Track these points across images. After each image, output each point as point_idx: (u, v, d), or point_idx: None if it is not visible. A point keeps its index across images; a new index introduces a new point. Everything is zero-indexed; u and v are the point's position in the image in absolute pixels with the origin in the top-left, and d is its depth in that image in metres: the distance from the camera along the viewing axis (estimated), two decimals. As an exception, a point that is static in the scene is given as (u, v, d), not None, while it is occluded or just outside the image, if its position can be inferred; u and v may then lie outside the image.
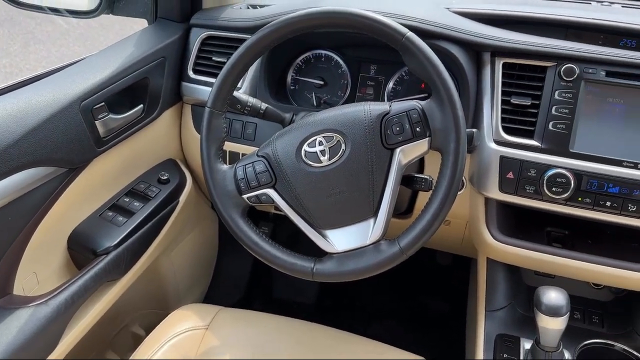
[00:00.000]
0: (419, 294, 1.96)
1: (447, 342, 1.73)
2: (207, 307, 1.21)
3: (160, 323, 1.17)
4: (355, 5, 0.94)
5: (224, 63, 0.98)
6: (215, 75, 1.00)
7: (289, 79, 1.34)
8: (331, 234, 0.95)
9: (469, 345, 1.27)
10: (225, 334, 1.14)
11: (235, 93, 1.03)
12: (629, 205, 1.01)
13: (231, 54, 0.98)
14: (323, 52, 1.31)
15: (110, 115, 1.15)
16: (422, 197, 1.22)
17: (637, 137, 1.01)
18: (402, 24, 0.92)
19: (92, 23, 4.39)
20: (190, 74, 1.32)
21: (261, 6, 1.37)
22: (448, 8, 1.18)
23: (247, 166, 0.97)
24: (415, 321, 1.89)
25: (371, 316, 1.91)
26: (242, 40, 0.98)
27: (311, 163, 0.93)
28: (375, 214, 0.92)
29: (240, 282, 1.88)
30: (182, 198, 1.36)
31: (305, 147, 0.94)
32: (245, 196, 0.97)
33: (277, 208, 0.98)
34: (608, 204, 1.02)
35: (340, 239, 0.94)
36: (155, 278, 1.48)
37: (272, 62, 1.25)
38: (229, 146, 1.27)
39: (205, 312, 1.19)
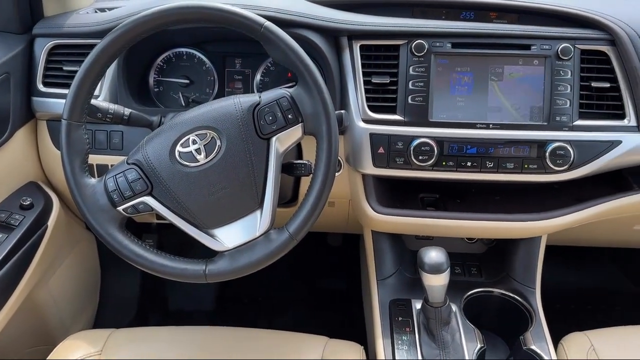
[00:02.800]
0: (316, 277, 2.01)
1: (349, 318, 1.80)
2: (97, 332, 1.14)
3: (47, 358, 1.07)
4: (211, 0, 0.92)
5: (76, 72, 0.92)
6: (68, 86, 0.93)
7: (151, 80, 1.29)
8: (219, 232, 0.93)
9: (367, 315, 1.33)
10: (121, 356, 1.08)
11: (94, 101, 0.97)
12: (487, 162, 1.12)
13: (83, 61, 0.92)
14: (184, 50, 1.28)
15: None
16: (305, 183, 1.24)
17: (485, 100, 1.12)
18: (259, 14, 0.93)
19: None
20: (40, 87, 1.22)
21: (110, 9, 1.30)
22: (302, -4, 1.21)
23: (117, 176, 0.92)
24: (317, 304, 1.94)
25: (274, 307, 1.92)
26: (93, 46, 0.92)
27: (187, 163, 0.91)
28: (260, 205, 0.93)
29: (131, 300, 1.79)
30: (51, 222, 1.26)
31: (178, 148, 0.91)
32: (120, 208, 0.92)
33: (158, 216, 0.94)
34: (469, 164, 1.12)
35: (229, 236, 0.93)
36: (34, 312, 1.36)
37: (130, 65, 1.19)
38: (95, 159, 1.20)
39: (96, 337, 1.11)
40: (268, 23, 0.91)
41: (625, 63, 1.11)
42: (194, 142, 0.91)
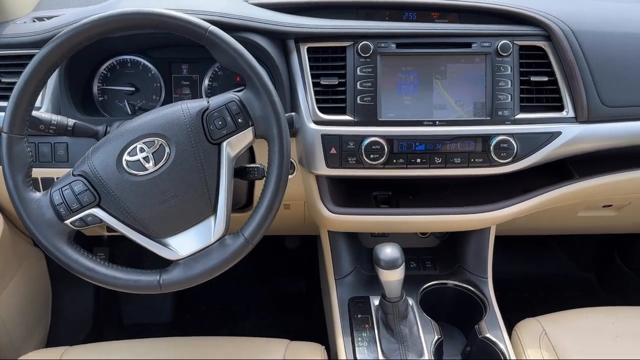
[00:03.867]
0: (276, 281, 2.01)
1: (310, 319, 1.80)
2: (51, 351, 1.10)
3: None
4: (153, 6, 0.91)
5: (15, 83, 0.89)
6: (6, 98, 0.90)
7: (95, 89, 1.25)
8: (173, 240, 0.92)
9: (327, 314, 1.34)
10: (77, 373, 1.05)
11: (35, 113, 0.94)
12: (435, 158, 1.15)
13: (22, 72, 0.89)
14: (128, 57, 1.25)
15: None
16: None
17: (431, 98, 1.15)
18: (203, 19, 0.92)
19: None
20: (-22, 100, 1.17)
21: (48, 18, 1.26)
22: (246, 1, 1.20)
23: (63, 189, 0.89)
24: (278, 307, 1.93)
25: (234, 314, 1.90)
26: (32, 56, 0.89)
27: (136, 172, 0.89)
28: (214, 211, 0.92)
29: (86, 316, 1.74)
30: (-5, 240, 1.21)
31: (126, 157, 0.89)
32: (67, 221, 0.89)
33: (109, 228, 0.92)
34: (418, 160, 1.15)
35: (183, 244, 0.92)
36: (-19, 335, 1.30)
37: (72, 74, 1.16)
38: (40, 172, 1.15)
39: (50, 356, 1.08)
40: (212, 27, 0.90)
41: (561, 57, 1.16)
42: (142, 150, 0.90)
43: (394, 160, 1.14)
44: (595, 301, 1.28)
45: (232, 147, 0.92)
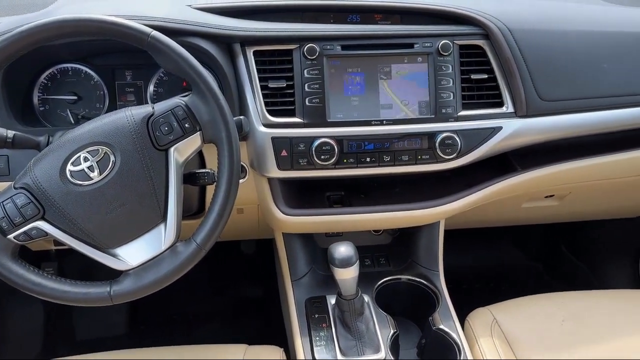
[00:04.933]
0: (233, 286, 1.99)
1: (269, 323, 1.80)
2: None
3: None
4: (93, 12, 0.89)
5: None
6: None
7: (35, 99, 1.21)
8: (122, 250, 0.90)
9: (285, 316, 1.34)
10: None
11: None
12: (384, 156, 1.17)
13: None
14: (69, 65, 1.22)
15: None
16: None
17: (377, 98, 1.17)
18: (145, 24, 0.91)
19: None
20: None
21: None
22: (190, 5, 1.19)
23: (5, 202, 0.86)
24: (236, 313, 1.92)
25: (192, 323, 1.88)
26: (-38, 69, 0.86)
27: (80, 182, 0.87)
28: (164, 218, 0.91)
29: (36, 333, 1.68)
30: None
31: (69, 167, 0.87)
32: (10, 236, 0.86)
33: (55, 241, 0.89)
34: (368, 159, 1.17)
35: (133, 254, 0.91)
36: None
37: (10, 84, 1.12)
38: (-21, 187, 1.11)
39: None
40: (155, 32, 0.89)
41: (499, 55, 1.20)
42: (86, 159, 0.88)
43: (345, 160, 1.16)
44: (543, 289, 1.33)
45: (180, 152, 0.91)
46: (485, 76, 1.21)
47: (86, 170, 0.87)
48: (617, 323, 1.20)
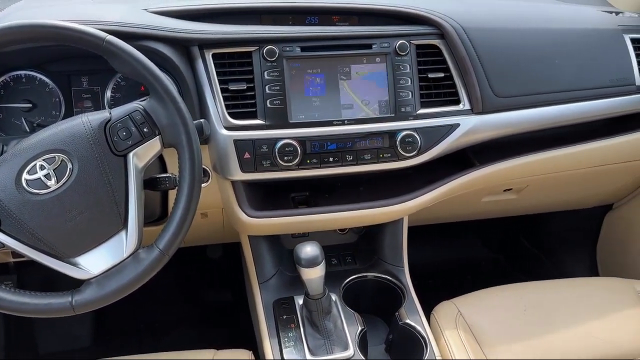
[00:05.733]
0: (201, 292, 1.98)
1: (238, 327, 1.79)
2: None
3: None
4: (46, 18, 0.87)
5: None
6: None
7: (-13, 108, 1.18)
8: (83, 259, 0.89)
9: (253, 320, 1.34)
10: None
11: None
12: (347, 156, 1.19)
13: None
14: (22, 72, 1.18)
15: None
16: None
17: (338, 98, 1.18)
18: (100, 29, 0.90)
19: None
20: None
21: None
22: (146, 9, 1.18)
23: None
24: (205, 319, 1.90)
25: (160, 331, 1.85)
26: None
27: (37, 191, 0.85)
28: (125, 225, 0.90)
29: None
30: None
31: (25, 176, 0.85)
32: (-35, 249, 0.84)
33: (14, 253, 0.87)
34: (331, 159, 1.18)
35: (94, 262, 0.89)
36: None
37: (-40, 94, 1.08)
38: None
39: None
40: (110, 36, 0.88)
41: (454, 54, 1.23)
42: (42, 167, 0.86)
43: (308, 161, 1.17)
44: (506, 280, 1.37)
45: (139, 157, 0.90)
46: (442, 75, 1.23)
47: (43, 178, 0.85)
48: (576, 310, 1.25)
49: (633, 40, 1.39)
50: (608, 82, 1.34)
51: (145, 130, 0.90)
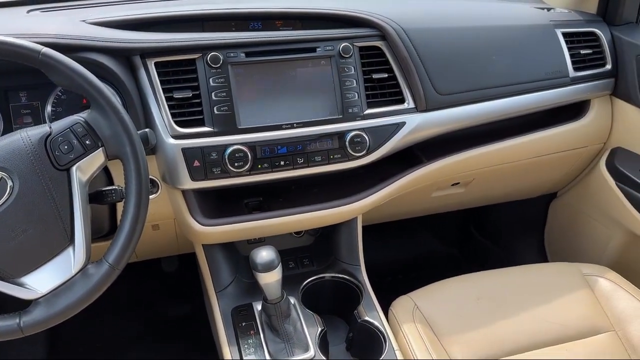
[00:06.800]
0: (157, 308, 1.93)
1: (198, 339, 1.76)
2: None
3: None
4: None
5: None
6: None
7: None
8: (30, 279, 0.86)
9: (213, 330, 1.32)
10: None
11: None
12: (298, 159, 1.19)
13: None
14: (-47, 90, 1.14)
15: None
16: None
17: (286, 102, 1.19)
18: (36, 41, 0.88)
19: None
20: None
21: None
22: (84, 20, 1.16)
23: None
24: (164, 334, 1.86)
25: (117, 350, 1.79)
26: None
27: None
28: (71, 241, 0.87)
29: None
30: None
31: None
32: None
33: None
34: (282, 163, 1.18)
35: (42, 281, 0.86)
36: None
37: None
38: None
39: None
40: (46, 49, 0.86)
41: (396, 54, 1.26)
42: None
43: (259, 166, 1.17)
44: (461, 272, 1.39)
45: (83, 171, 0.88)
46: (386, 75, 1.26)
47: (-20, 197, 0.82)
48: (527, 295, 1.30)
49: (564, 35, 1.46)
50: (543, 75, 1.41)
51: (87, 142, 0.88)
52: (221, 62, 1.15)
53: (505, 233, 2.08)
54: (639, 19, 1.55)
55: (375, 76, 1.25)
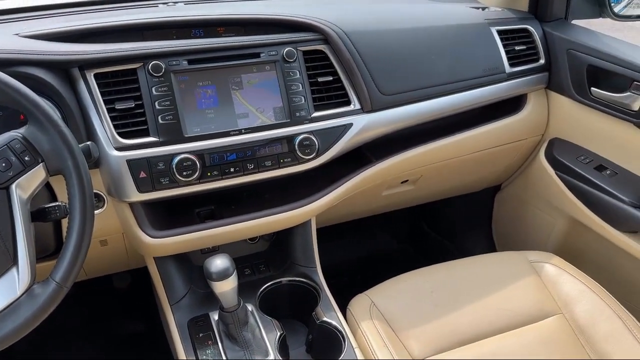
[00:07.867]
0: (111, 326, 1.87)
1: (155, 355, 1.72)
2: None
3: None
4: None
5: None
6: None
7: None
8: (-29, 304, 0.82)
9: (170, 343, 1.29)
10: None
11: None
12: (248, 164, 1.19)
13: None
14: None
15: None
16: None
17: (232, 108, 1.18)
18: None
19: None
20: None
21: None
22: (17, 34, 1.11)
23: None
24: (118, 352, 1.81)
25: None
26: None
27: None
28: (14, 261, 0.84)
29: None
30: None
31: None
32: None
33: None
34: (232, 169, 1.18)
35: (-16, 305, 0.82)
36: None
37: None
38: None
39: None
40: None
41: (339, 57, 1.28)
42: None
43: (209, 174, 1.16)
44: (416, 267, 1.43)
45: (23, 188, 0.85)
46: (331, 78, 1.28)
47: None
48: (478, 285, 1.33)
49: (499, 32, 1.52)
50: (481, 72, 1.46)
51: (26, 158, 0.85)
52: (163, 70, 1.13)
53: (455, 227, 2.14)
54: (567, 14, 1.63)
55: (320, 79, 1.26)
